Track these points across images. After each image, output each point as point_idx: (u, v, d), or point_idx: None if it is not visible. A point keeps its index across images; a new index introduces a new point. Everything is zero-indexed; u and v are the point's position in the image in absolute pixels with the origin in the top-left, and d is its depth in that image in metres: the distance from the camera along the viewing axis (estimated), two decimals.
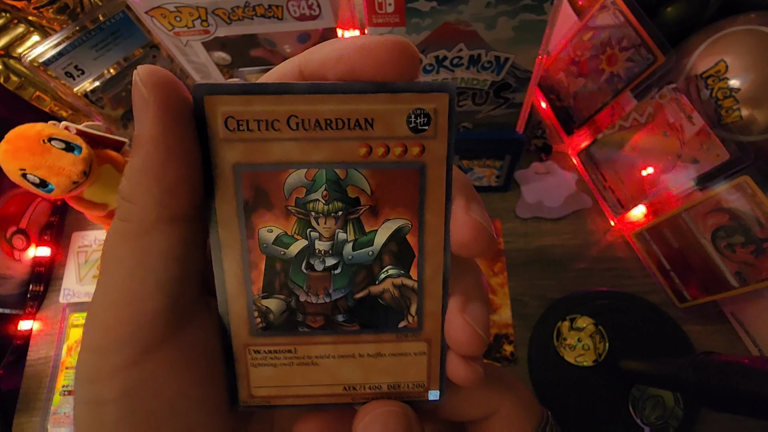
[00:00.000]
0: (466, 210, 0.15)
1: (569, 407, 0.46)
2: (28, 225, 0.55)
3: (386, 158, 0.15)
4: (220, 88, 0.14)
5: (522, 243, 0.56)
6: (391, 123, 0.14)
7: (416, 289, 0.16)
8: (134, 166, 0.13)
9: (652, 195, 0.50)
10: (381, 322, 0.16)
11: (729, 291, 0.45)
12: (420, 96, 0.14)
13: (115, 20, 0.46)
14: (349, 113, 0.14)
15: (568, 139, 0.59)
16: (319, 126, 0.14)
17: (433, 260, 0.16)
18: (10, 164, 0.38)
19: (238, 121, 0.14)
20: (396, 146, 0.15)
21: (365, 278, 0.16)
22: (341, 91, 0.14)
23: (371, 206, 0.15)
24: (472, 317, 0.16)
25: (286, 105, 0.14)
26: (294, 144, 0.14)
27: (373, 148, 0.15)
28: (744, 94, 0.44)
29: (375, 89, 0.14)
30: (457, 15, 0.37)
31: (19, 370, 0.51)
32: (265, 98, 0.14)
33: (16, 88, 0.50)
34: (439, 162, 0.15)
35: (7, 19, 0.47)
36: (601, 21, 0.51)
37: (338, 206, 0.15)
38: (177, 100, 0.13)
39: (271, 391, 0.17)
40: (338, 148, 0.14)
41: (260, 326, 0.16)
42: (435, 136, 0.15)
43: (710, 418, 0.46)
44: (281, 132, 0.14)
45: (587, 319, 0.49)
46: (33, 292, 0.54)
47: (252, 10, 0.39)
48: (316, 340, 0.16)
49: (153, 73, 0.13)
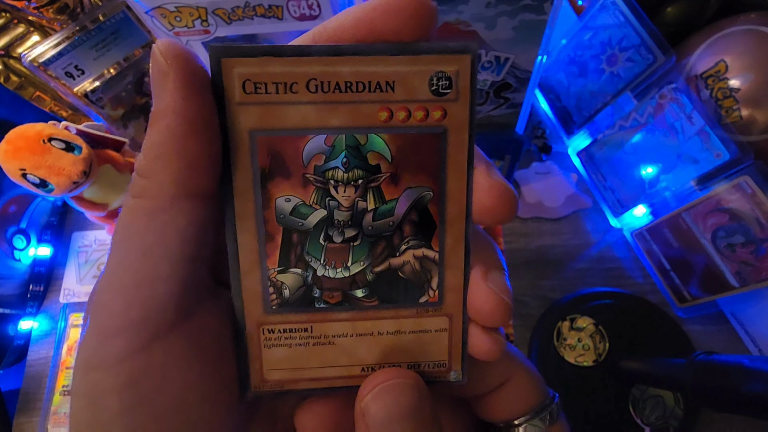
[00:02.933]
0: (488, 174, 0.15)
1: (569, 407, 0.46)
2: (28, 225, 0.55)
3: (407, 123, 0.14)
4: (238, 50, 0.13)
5: (522, 243, 0.56)
6: (412, 86, 0.14)
7: (437, 261, 0.15)
8: (153, 140, 0.13)
9: (652, 195, 0.50)
10: (401, 297, 0.16)
11: (729, 291, 0.45)
12: (441, 58, 0.14)
13: (115, 20, 0.46)
14: (369, 75, 0.14)
15: (568, 139, 0.59)
16: (339, 88, 0.14)
17: (454, 229, 0.15)
18: (10, 164, 0.38)
19: (256, 83, 0.13)
20: (417, 110, 0.14)
21: (385, 250, 0.15)
22: (361, 52, 0.13)
23: (392, 173, 0.15)
24: (495, 284, 0.15)
25: (305, 67, 0.13)
26: (313, 108, 0.14)
27: (394, 112, 0.14)
28: (744, 94, 0.44)
29: (396, 50, 0.14)
30: (457, 15, 0.37)
31: (19, 370, 0.51)
32: (284, 60, 0.13)
33: (16, 88, 0.50)
34: (461, 126, 0.14)
35: (7, 19, 0.47)
36: (601, 21, 0.51)
37: (358, 174, 0.15)
38: (197, 71, 0.13)
39: (285, 374, 0.16)
40: (358, 111, 0.14)
41: (275, 303, 0.15)
42: (457, 100, 0.14)
43: (710, 418, 0.46)
44: (300, 95, 0.14)
45: (587, 319, 0.49)
46: (33, 292, 0.54)
47: (252, 10, 0.39)
48: (333, 317, 0.16)
49: (172, 45, 0.13)
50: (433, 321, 0.16)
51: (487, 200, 0.15)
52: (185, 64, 0.13)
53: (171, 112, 0.13)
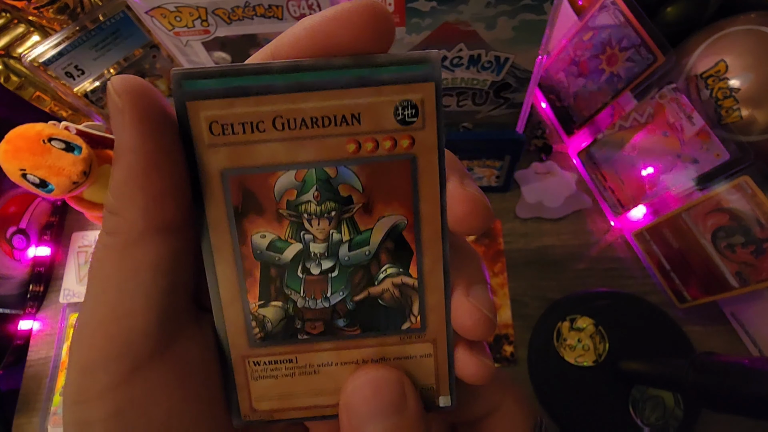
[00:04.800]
0: (460, 185, 0.15)
1: (569, 407, 0.46)
2: (28, 225, 0.55)
3: (376, 153, 0.14)
4: (202, 93, 0.13)
5: (522, 243, 0.56)
6: (379, 116, 0.14)
7: (417, 287, 0.16)
8: (117, 178, 0.13)
9: (652, 195, 0.50)
10: (383, 324, 0.16)
11: (729, 291, 0.45)
12: (406, 87, 0.14)
13: (115, 20, 0.46)
14: (334, 109, 0.14)
15: (568, 139, 0.59)
16: (305, 124, 0.14)
17: (431, 253, 0.15)
18: (10, 164, 0.38)
19: (223, 125, 0.14)
20: (385, 140, 0.14)
21: (363, 279, 0.16)
22: (324, 86, 0.14)
23: (364, 203, 0.15)
24: (478, 300, 0.15)
25: (269, 105, 0.14)
26: (281, 144, 0.14)
27: (362, 144, 0.14)
28: (744, 94, 0.44)
29: (357, 77, 0.14)
30: (457, 15, 0.37)
31: (19, 370, 0.51)
32: (249, 100, 0.14)
33: (16, 88, 0.50)
34: (430, 152, 0.14)
35: (7, 19, 0.47)
36: (601, 21, 0.51)
37: (331, 206, 0.15)
38: (153, 107, 0.13)
39: (274, 404, 0.16)
40: (326, 145, 0.14)
41: (258, 336, 0.16)
42: (423, 127, 0.14)
43: (710, 419, 0.46)
44: (267, 133, 0.14)
45: (587, 320, 0.49)
46: (33, 292, 0.54)
47: (252, 10, 0.39)
48: (316, 347, 0.16)
49: (126, 82, 0.13)
50: (417, 347, 0.16)
51: (459, 211, 0.15)
52: (140, 99, 0.13)
53: (130, 150, 0.13)
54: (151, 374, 0.14)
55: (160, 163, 0.13)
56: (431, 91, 0.14)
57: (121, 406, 0.14)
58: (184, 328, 0.15)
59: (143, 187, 0.13)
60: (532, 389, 0.48)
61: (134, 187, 0.13)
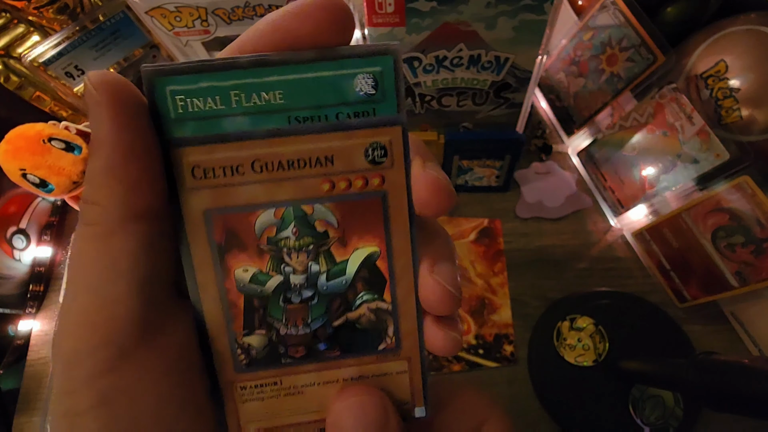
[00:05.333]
0: (422, 168, 0.16)
1: (569, 407, 0.46)
2: (28, 225, 0.55)
3: (349, 191, 0.15)
4: (186, 140, 0.14)
5: (522, 243, 0.56)
6: (350, 158, 0.15)
7: (391, 311, 0.17)
8: (95, 168, 0.13)
9: (652, 195, 0.50)
10: (361, 346, 0.17)
11: (729, 291, 0.45)
12: (375, 131, 0.15)
13: (115, 20, 0.46)
14: (309, 153, 0.15)
15: (568, 139, 0.59)
16: (282, 167, 0.15)
17: (404, 282, 0.16)
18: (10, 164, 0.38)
19: (204, 169, 0.15)
20: (357, 179, 0.15)
21: (341, 306, 0.17)
22: (300, 132, 0.15)
23: (339, 237, 0.16)
24: (442, 276, 0.16)
25: (248, 150, 0.15)
26: (259, 186, 0.15)
27: (336, 183, 0.15)
28: (744, 94, 0.44)
29: (331, 128, 0.15)
30: (457, 15, 0.37)
31: (19, 370, 0.51)
32: (228, 146, 0.15)
33: (16, 88, 0.50)
34: (399, 189, 0.16)
35: (7, 19, 0.47)
36: (601, 21, 0.51)
37: (308, 241, 0.16)
38: (129, 99, 0.13)
39: (261, 424, 0.17)
40: (302, 185, 0.15)
41: (244, 363, 0.16)
42: (392, 166, 0.15)
43: (710, 418, 0.46)
44: (246, 176, 0.15)
45: (587, 319, 0.49)
46: (33, 292, 0.54)
47: (252, 10, 0.39)
48: (299, 370, 0.17)
49: (103, 75, 0.13)
50: (394, 365, 0.17)
51: (422, 193, 0.15)
52: (117, 93, 0.13)
53: (107, 142, 0.13)
54: (139, 361, 0.14)
55: (136, 154, 0.13)
56: (398, 134, 0.15)
57: (109, 395, 0.14)
58: (168, 315, 0.15)
59: (120, 176, 0.13)
60: (532, 389, 0.48)
61: (111, 176, 0.13)
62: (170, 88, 0.14)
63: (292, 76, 0.14)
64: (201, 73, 0.14)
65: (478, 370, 0.49)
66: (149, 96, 0.14)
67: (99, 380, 0.14)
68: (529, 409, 0.48)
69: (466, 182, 0.56)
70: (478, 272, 0.54)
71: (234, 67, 0.14)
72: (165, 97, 0.14)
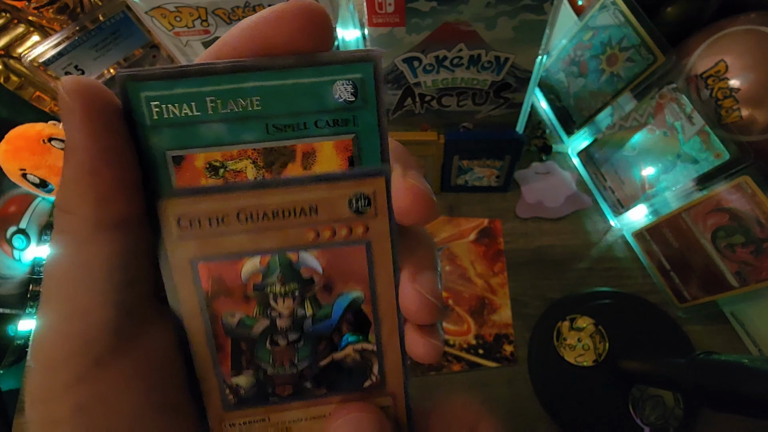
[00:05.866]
0: (403, 177, 0.15)
1: (569, 407, 0.46)
2: (28, 225, 0.55)
3: (333, 239, 0.16)
4: (172, 190, 0.14)
5: (522, 243, 0.56)
6: (335, 208, 0.15)
7: (376, 351, 0.17)
8: (67, 175, 0.13)
9: (652, 195, 0.50)
10: (346, 384, 0.17)
11: (729, 291, 0.45)
12: (359, 182, 0.15)
13: (115, 20, 0.46)
14: (293, 203, 0.15)
15: (568, 139, 0.59)
16: (267, 217, 0.15)
17: (387, 323, 0.17)
18: (10, 164, 0.38)
19: (190, 220, 0.15)
20: (341, 228, 0.16)
21: (327, 347, 0.17)
22: (284, 183, 0.15)
23: (325, 283, 0.16)
24: (422, 286, 0.16)
25: (233, 201, 0.15)
26: (245, 235, 0.15)
27: (320, 232, 0.16)
28: (744, 94, 0.44)
29: (315, 180, 0.15)
30: (457, 15, 0.37)
31: (19, 370, 0.51)
32: (213, 197, 0.15)
33: (16, 88, 0.50)
34: (383, 237, 0.16)
35: (7, 19, 0.47)
36: (601, 21, 0.51)
37: (294, 287, 0.16)
38: (103, 105, 0.13)
39: None
40: (287, 235, 0.15)
41: (232, 401, 0.17)
42: (376, 215, 0.16)
43: (710, 418, 0.46)
44: (231, 226, 0.15)
45: (587, 319, 0.49)
46: (33, 292, 0.54)
47: (252, 10, 0.39)
48: (287, 407, 0.17)
49: (76, 82, 0.13)
50: (378, 401, 0.18)
51: (401, 203, 0.15)
52: (90, 99, 0.13)
53: (80, 148, 0.13)
54: (115, 368, 0.14)
55: (110, 161, 0.13)
56: (382, 185, 0.15)
57: (85, 402, 0.14)
58: (146, 321, 0.15)
59: (93, 184, 0.13)
60: (532, 389, 0.48)
61: (84, 184, 0.13)
62: (145, 94, 0.14)
63: (269, 83, 0.14)
64: (176, 79, 0.14)
65: (478, 370, 0.49)
66: (124, 102, 0.14)
67: (75, 388, 0.14)
68: (529, 409, 0.48)
69: (466, 182, 0.56)
70: (478, 272, 0.54)
71: (210, 72, 0.14)
72: (140, 103, 0.14)
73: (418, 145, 0.50)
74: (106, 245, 0.14)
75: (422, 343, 0.17)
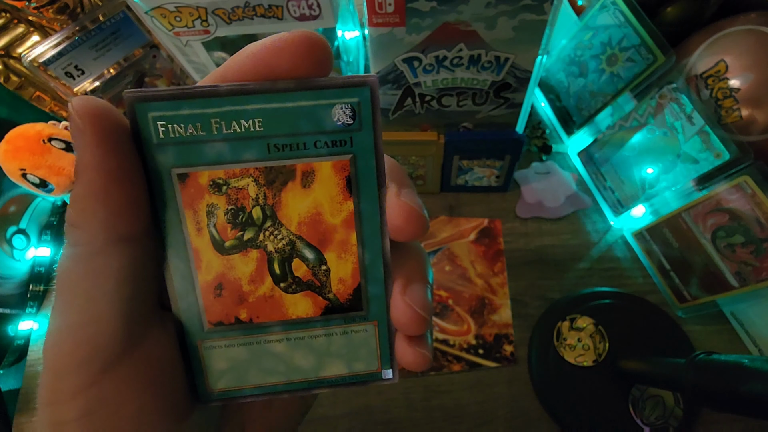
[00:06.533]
0: (397, 196, 0.16)
1: (569, 407, 0.46)
2: (28, 225, 0.55)
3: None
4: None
5: (522, 243, 0.56)
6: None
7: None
8: (78, 192, 0.14)
9: (652, 195, 0.50)
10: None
11: (729, 291, 0.45)
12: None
13: (115, 20, 0.46)
14: None
15: (568, 139, 0.59)
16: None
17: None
18: (10, 164, 0.38)
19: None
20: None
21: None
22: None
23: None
24: (412, 298, 0.17)
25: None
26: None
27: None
28: (744, 94, 0.44)
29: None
30: (457, 15, 0.37)
31: (19, 370, 0.51)
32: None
33: (16, 88, 0.50)
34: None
35: (7, 19, 0.47)
36: (601, 21, 0.51)
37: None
38: (113, 125, 0.14)
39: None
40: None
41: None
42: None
43: (710, 418, 0.46)
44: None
45: (587, 319, 0.49)
46: (33, 292, 0.54)
47: (252, 10, 0.39)
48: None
49: (87, 103, 0.13)
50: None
51: (395, 221, 0.16)
52: (100, 120, 0.13)
53: (91, 168, 0.14)
54: (120, 375, 0.15)
55: (119, 179, 0.14)
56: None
57: (92, 406, 0.14)
58: (150, 329, 0.16)
59: (103, 202, 0.14)
60: (532, 389, 0.48)
61: (94, 202, 0.14)
62: (152, 114, 0.14)
63: (271, 105, 0.15)
64: (182, 100, 0.14)
65: (478, 370, 0.49)
66: (132, 121, 0.14)
67: (83, 393, 0.14)
68: (529, 409, 0.48)
69: (466, 182, 0.56)
70: (478, 272, 0.54)
71: (214, 95, 0.14)
72: (147, 122, 0.14)
73: (418, 145, 0.50)
74: (115, 259, 0.14)
75: (411, 353, 0.17)
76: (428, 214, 0.17)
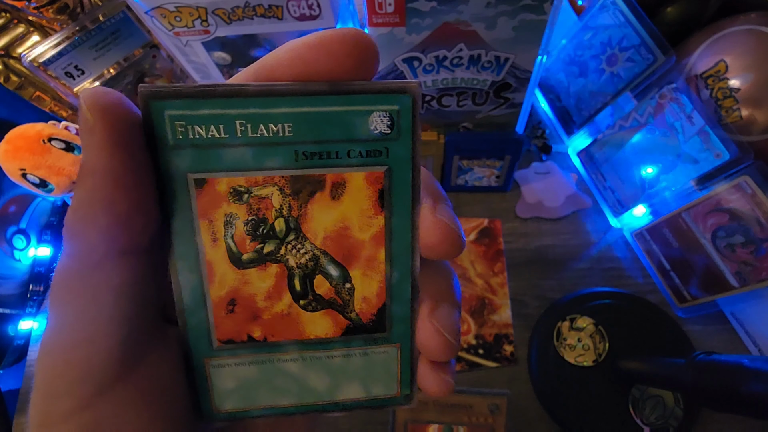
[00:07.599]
0: (432, 212, 0.15)
1: (569, 407, 0.46)
2: (28, 225, 0.55)
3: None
4: None
5: (522, 243, 0.56)
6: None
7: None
8: (80, 197, 0.12)
9: (652, 195, 0.50)
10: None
11: (729, 291, 0.45)
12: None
13: (115, 20, 0.46)
14: None
15: (568, 139, 0.59)
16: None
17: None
18: (10, 164, 0.38)
19: None
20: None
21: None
22: None
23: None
24: (441, 323, 0.16)
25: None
26: None
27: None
28: (744, 94, 0.44)
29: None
30: (457, 15, 0.37)
31: (19, 370, 0.51)
32: None
33: (16, 88, 0.50)
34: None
35: (7, 19, 0.47)
36: (601, 21, 0.51)
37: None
38: (125, 124, 0.12)
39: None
40: None
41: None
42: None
43: (710, 418, 0.46)
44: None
45: (587, 319, 0.49)
46: (33, 292, 0.54)
47: (252, 10, 0.39)
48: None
49: (99, 96, 0.12)
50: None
51: (430, 239, 0.15)
52: (112, 117, 0.12)
53: (98, 170, 0.12)
54: (118, 396, 0.14)
55: (127, 185, 0.12)
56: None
57: (87, 429, 0.13)
58: (151, 347, 0.14)
59: (106, 210, 0.12)
60: (532, 389, 0.48)
61: (97, 209, 0.12)
62: (169, 113, 0.13)
63: (302, 109, 0.13)
64: (204, 99, 0.13)
65: (478, 370, 0.49)
66: (145, 120, 0.13)
67: (75, 416, 0.13)
68: (529, 409, 0.48)
69: (466, 182, 0.56)
70: (478, 272, 0.54)
71: (241, 94, 0.13)
72: (163, 121, 0.13)
73: None
74: (116, 274, 0.13)
75: (434, 378, 0.16)
76: None
